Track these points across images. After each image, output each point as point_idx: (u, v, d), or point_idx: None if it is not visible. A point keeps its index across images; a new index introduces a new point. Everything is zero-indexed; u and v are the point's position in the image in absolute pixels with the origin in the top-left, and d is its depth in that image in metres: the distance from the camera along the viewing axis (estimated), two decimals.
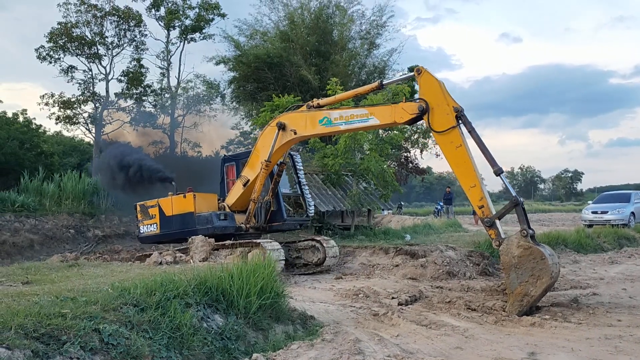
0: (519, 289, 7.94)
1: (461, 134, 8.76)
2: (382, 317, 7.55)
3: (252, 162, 11.81)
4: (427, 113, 8.93)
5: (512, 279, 8.02)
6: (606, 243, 16.99)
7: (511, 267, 8.02)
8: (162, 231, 12.21)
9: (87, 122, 32.23)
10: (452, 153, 8.77)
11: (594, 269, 12.87)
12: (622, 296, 9.52)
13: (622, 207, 21.70)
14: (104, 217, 22.35)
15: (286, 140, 11.11)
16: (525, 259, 7.92)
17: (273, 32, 29.34)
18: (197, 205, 11.64)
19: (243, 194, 11.90)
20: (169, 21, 32.59)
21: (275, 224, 12.18)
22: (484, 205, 8.48)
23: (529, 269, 7.89)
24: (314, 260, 12.17)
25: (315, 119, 10.53)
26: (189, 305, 5.41)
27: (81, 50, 30.85)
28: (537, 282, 7.86)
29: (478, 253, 12.72)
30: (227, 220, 11.55)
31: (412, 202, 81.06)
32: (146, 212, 12.56)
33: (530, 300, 7.88)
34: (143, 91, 33.43)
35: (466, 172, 8.66)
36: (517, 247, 7.99)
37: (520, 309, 7.86)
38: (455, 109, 8.75)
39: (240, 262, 10.20)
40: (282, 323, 6.47)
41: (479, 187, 8.55)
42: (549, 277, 7.86)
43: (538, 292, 7.88)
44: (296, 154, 13.19)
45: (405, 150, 33.46)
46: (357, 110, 10.03)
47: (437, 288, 10.22)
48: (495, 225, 8.40)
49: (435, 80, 9.01)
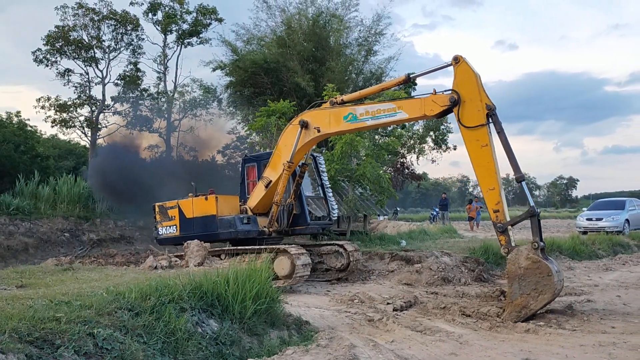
0: (519, 300, 7.94)
1: (489, 134, 8.57)
2: (377, 323, 7.57)
3: (273, 162, 11.47)
4: (458, 105, 8.72)
5: (514, 289, 8.01)
6: (601, 250, 17.05)
7: (515, 277, 8.00)
8: (182, 233, 11.88)
9: (83, 126, 32.14)
10: (476, 151, 8.60)
11: (588, 276, 12.91)
12: (616, 303, 9.55)
13: (616, 214, 21.76)
14: (99, 220, 22.34)
15: (309, 139, 10.78)
16: (531, 271, 7.89)
17: (270, 37, 29.37)
18: (219, 207, 11.39)
19: (265, 196, 11.56)
20: (166, 25, 32.56)
21: (298, 228, 11.83)
22: (500, 210, 8.39)
23: (533, 282, 7.87)
24: (337, 266, 11.88)
25: (339, 115, 10.25)
26: (184, 310, 5.41)
27: (78, 53, 30.80)
28: (539, 297, 7.86)
29: (473, 259, 12.75)
30: (250, 224, 11.30)
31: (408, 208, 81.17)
32: (165, 213, 12.27)
33: (528, 313, 7.88)
34: (139, 95, 33.37)
35: (487, 173, 8.53)
36: (525, 259, 7.96)
37: (516, 319, 7.85)
38: (488, 107, 8.55)
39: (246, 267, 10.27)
40: (277, 328, 6.48)
41: (497, 191, 8.44)
42: (551, 294, 7.87)
43: (538, 307, 7.88)
44: (319, 155, 12.87)
45: (402, 156, 33.53)
46: (384, 104, 9.76)
47: (432, 294, 10.23)
48: (507, 232, 8.35)
49: (473, 72, 8.75)
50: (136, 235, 23.35)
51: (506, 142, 8.49)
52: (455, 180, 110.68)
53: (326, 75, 26.45)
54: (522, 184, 8.59)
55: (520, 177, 8.51)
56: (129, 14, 31.48)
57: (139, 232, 23.48)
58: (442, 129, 32.62)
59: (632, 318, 8.24)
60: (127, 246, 21.53)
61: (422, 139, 32.23)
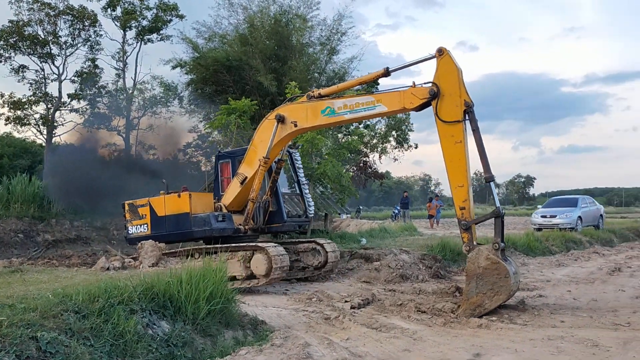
0: (475, 299, 8.07)
1: (464, 131, 8.56)
2: (333, 321, 7.60)
3: (249, 158, 11.17)
4: (437, 99, 8.66)
5: (471, 287, 8.14)
6: (554, 246, 17.55)
7: (474, 276, 8.12)
8: (154, 232, 11.50)
9: (38, 124, 31.24)
10: (450, 147, 8.58)
11: (541, 272, 13.27)
12: (566, 298, 9.84)
13: (569, 212, 22.37)
14: (54, 221, 21.72)
15: (286, 134, 10.55)
16: (490, 272, 8.03)
17: (232, 35, 29.12)
18: (193, 205, 11.02)
19: (240, 193, 11.28)
20: (125, 21, 31.90)
21: (275, 226, 11.61)
22: (466, 208, 8.46)
23: (491, 282, 8.01)
24: (314, 264, 11.70)
25: (317, 109, 10.04)
26: (134, 311, 5.31)
27: (33, 49, 29.92)
28: (494, 297, 8.00)
29: (431, 256, 12.95)
30: (225, 222, 10.99)
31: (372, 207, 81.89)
32: (135, 212, 11.86)
33: (482, 312, 8.01)
34: (97, 92, 32.63)
35: (458, 170, 8.54)
36: (485, 259, 8.10)
37: (470, 316, 7.96)
38: (466, 103, 8.50)
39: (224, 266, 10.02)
40: (232, 328, 6.42)
41: (466, 189, 8.48)
42: (507, 295, 8.02)
43: (492, 307, 8.02)
44: (295, 151, 12.59)
45: (364, 155, 33.75)
46: (363, 98, 9.55)
47: (390, 291, 10.35)
48: (471, 230, 8.46)
49: (455, 66, 8.67)
50: (93, 235, 22.79)
51: (480, 141, 8.53)
52: (418, 178, 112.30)
53: (289, 74, 26.40)
54: (490, 184, 8.71)
55: (490, 177, 8.58)
56: (87, 10, 30.71)
57: (96, 232, 22.94)
58: (404, 128, 33.05)
59: (580, 312, 8.50)
60: (83, 247, 20.99)
61: (384, 138, 32.55)
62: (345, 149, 16.86)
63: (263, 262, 9.87)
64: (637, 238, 23.21)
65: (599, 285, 11.13)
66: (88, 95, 32.47)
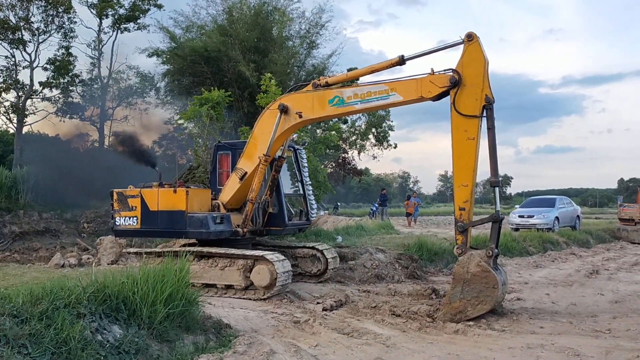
0: (457, 304, 7.73)
1: (479, 127, 8.04)
2: (303, 325, 7.20)
3: (249, 151, 10.25)
4: (457, 87, 8.08)
5: (455, 291, 7.79)
6: (531, 247, 17.38)
7: (461, 281, 7.76)
8: (144, 227, 10.51)
9: (8, 112, 30.24)
10: (460, 142, 8.08)
11: (519, 273, 13.05)
12: (545, 301, 9.60)
13: (547, 212, 22.31)
14: (22, 212, 20.89)
15: (290, 125, 9.73)
16: (478, 279, 7.68)
17: (211, 25, 28.54)
18: (189, 203, 10.04)
19: (240, 190, 10.37)
20: (102, 9, 31.05)
21: (274, 229, 10.80)
22: (466, 209, 8.02)
23: (477, 290, 7.67)
24: (313, 271, 10.99)
25: (324, 99, 9.27)
26: (82, 315, 4.84)
27: (4, 35, 28.90)
28: (478, 306, 7.67)
29: (407, 256, 12.61)
30: (224, 224, 10.03)
31: (350, 203, 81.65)
32: (125, 202, 10.75)
33: (462, 318, 7.67)
34: (70, 81, 31.69)
35: (465, 168, 8.07)
36: (476, 265, 7.72)
37: (449, 320, 7.67)
38: (487, 99, 7.96)
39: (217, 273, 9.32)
40: (193, 333, 5.98)
41: (469, 189, 8.03)
42: (491, 305, 7.72)
43: (474, 315, 7.69)
44: (300, 148, 11.68)
45: (343, 151, 33.47)
46: (375, 86, 8.78)
47: (364, 292, 9.98)
48: (467, 233, 8.05)
49: (483, 55, 8.05)
50: (63, 228, 21.98)
51: (493, 142, 8.02)
52: (397, 176, 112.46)
53: (269, 67, 25.95)
54: (495, 189, 8.30)
55: (496, 182, 8.18)
56: None
57: (66, 224, 22.15)
58: (384, 126, 32.88)
59: (560, 317, 8.25)
60: (52, 240, 20.20)
61: (363, 136, 32.35)
62: (322, 143, 16.44)
63: (266, 274, 9.06)
64: (612, 239, 23.25)
65: (577, 289, 10.93)
66: (61, 84, 31.53)
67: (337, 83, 9.65)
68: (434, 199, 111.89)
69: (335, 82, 9.68)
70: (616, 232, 24.59)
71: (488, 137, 8.08)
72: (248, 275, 9.22)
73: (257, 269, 9.12)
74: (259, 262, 9.22)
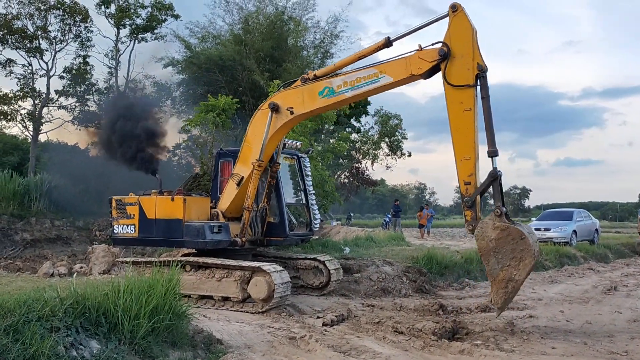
0: (501, 275, 7.28)
1: (475, 97, 7.79)
2: (298, 341, 6.85)
3: (244, 156, 10.02)
4: (447, 61, 7.87)
5: (492, 265, 7.36)
6: (547, 261, 16.83)
7: (489, 252, 7.35)
8: (142, 235, 10.24)
9: (24, 120, 30.56)
10: (457, 115, 7.82)
11: (533, 289, 12.55)
12: (559, 319, 9.14)
13: (564, 225, 21.71)
14: (34, 219, 20.95)
15: (282, 123, 9.53)
16: (503, 240, 7.25)
17: (227, 35, 28.62)
18: (187, 212, 9.74)
19: (238, 197, 10.05)
20: (119, 19, 31.34)
21: (275, 239, 10.43)
22: (472, 183, 7.67)
23: (509, 251, 7.23)
24: (315, 283, 10.63)
25: (314, 91, 9.12)
26: (56, 329, 4.57)
27: (22, 43, 29.28)
28: (520, 265, 7.20)
29: (415, 269, 12.21)
30: (222, 234, 9.69)
31: (365, 214, 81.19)
32: (123, 210, 10.50)
33: (515, 286, 7.26)
34: (87, 89, 31.95)
35: (465, 140, 7.76)
36: (493, 229, 7.32)
37: (505, 297, 7.27)
38: (479, 67, 7.72)
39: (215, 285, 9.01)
40: (180, 349, 5.68)
41: (472, 161, 7.70)
42: (531, 257, 7.19)
43: (523, 276, 7.22)
44: (304, 156, 11.33)
45: (357, 161, 33.17)
46: (364, 71, 8.67)
47: (368, 306, 9.61)
48: (475, 207, 7.68)
49: (470, 24, 7.85)
50: (74, 235, 22.01)
51: (488, 111, 7.77)
52: (413, 187, 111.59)
53: (283, 76, 25.80)
54: (493, 159, 7.80)
55: (494, 151, 7.73)
56: (78, 5, 30.13)
57: (78, 232, 22.17)
58: (397, 135, 32.56)
59: (573, 337, 7.81)
60: (63, 247, 20.21)
61: (376, 145, 32.03)
62: (331, 152, 16.12)
63: (264, 286, 8.71)
64: (632, 254, 22.53)
65: (593, 306, 10.44)
66: (77, 92, 31.80)
67: (325, 74, 9.37)
68: (451, 210, 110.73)
69: (323, 73, 9.41)
70: (636, 246, 23.94)
71: (483, 106, 7.81)
72: (245, 287, 8.89)
73: (255, 280, 8.78)
74: (257, 274, 8.87)
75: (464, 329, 8.02)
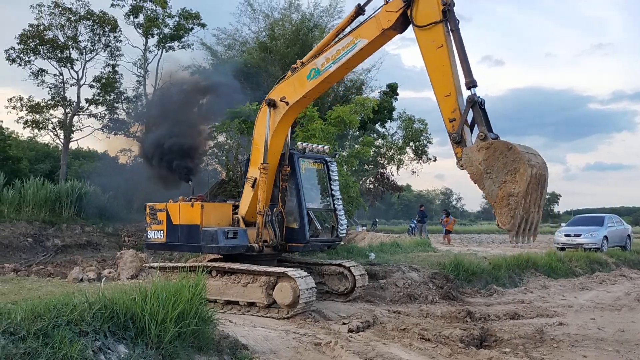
0: (500, 193, 6.81)
1: (446, 33, 7.60)
2: (324, 347, 6.83)
3: (254, 158, 10.23)
4: (412, 6, 7.84)
5: (488, 187, 6.91)
6: (578, 267, 16.49)
7: (482, 176, 6.96)
8: (169, 240, 10.51)
9: (55, 128, 31.28)
10: (431, 54, 7.70)
11: (563, 295, 12.31)
12: (590, 327, 8.95)
13: (595, 231, 21.26)
14: (65, 225, 21.42)
15: (280, 117, 9.73)
16: (491, 158, 6.87)
17: (252, 42, 28.90)
18: (204, 217, 9.91)
19: (253, 200, 10.17)
20: (148, 29, 31.89)
21: (295, 245, 10.29)
22: (456, 119, 7.37)
23: (501, 166, 6.80)
24: (341, 289, 10.55)
25: (302, 77, 9.39)
26: (85, 333, 4.65)
27: (53, 53, 30.02)
28: (517, 176, 6.69)
29: (442, 275, 12.07)
30: (237, 239, 9.73)
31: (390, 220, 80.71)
32: (155, 216, 10.81)
33: (517, 200, 6.70)
34: (116, 98, 32.58)
35: (443, 77, 7.60)
36: (478, 152, 6.99)
37: (511, 215, 6.73)
38: (443, 1, 7.60)
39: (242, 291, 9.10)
40: (206, 354, 5.71)
41: (454, 97, 7.45)
42: (525, 164, 6.67)
43: (523, 187, 6.65)
44: (332, 160, 11.29)
45: (382, 167, 33.05)
46: (342, 42, 8.87)
47: (394, 313, 9.53)
48: (463, 140, 7.30)
49: None
50: (104, 241, 22.44)
51: (460, 43, 7.55)
52: (439, 192, 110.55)
53: None
54: (471, 89, 7.41)
55: (471, 82, 7.39)
56: (107, 15, 30.77)
57: (107, 238, 22.59)
58: (422, 139, 32.35)
59: (605, 345, 7.64)
60: (93, 253, 20.61)
61: (401, 150, 31.87)
62: (355, 157, 16.08)
63: (289, 291, 8.69)
64: None
65: (626, 313, 10.19)
66: (106, 100, 32.43)
67: (310, 58, 9.55)
68: (478, 216, 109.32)
69: (308, 58, 9.60)
70: None
71: (454, 38, 7.65)
72: (270, 293, 8.91)
73: (280, 286, 8.81)
74: (282, 279, 8.89)
75: (492, 337, 7.92)
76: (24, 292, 6.45)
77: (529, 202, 6.87)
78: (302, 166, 10.60)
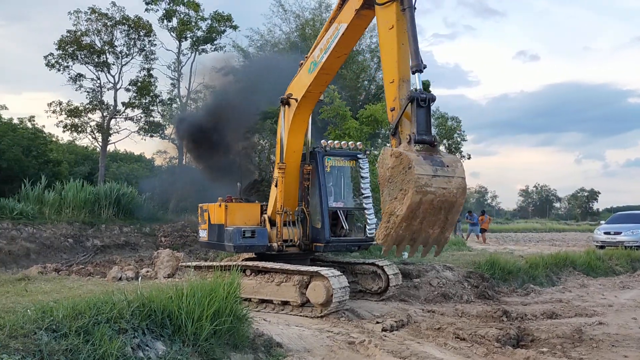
0: (387, 207, 6.38)
1: (399, 13, 7.14)
2: (358, 346, 6.84)
3: (277, 158, 10.53)
4: None
5: (384, 197, 6.45)
6: (618, 266, 16.07)
7: (385, 182, 6.45)
8: (209, 239, 10.94)
9: (93, 131, 32.11)
10: (382, 36, 7.43)
11: (602, 294, 12.01)
12: (631, 327, 8.71)
13: (636, 228, 20.69)
14: (104, 226, 22.02)
15: (294, 112, 9.88)
16: (396, 169, 6.27)
17: (284, 43, 29.07)
18: (229, 217, 10.20)
19: (277, 200, 10.30)
20: (181, 32, 32.43)
21: (318, 245, 10.28)
22: (396, 109, 6.82)
23: (399, 182, 6.24)
24: (374, 289, 10.51)
25: (305, 71, 9.69)
26: (124, 330, 4.78)
27: (90, 58, 30.80)
28: (404, 198, 6.13)
29: (477, 274, 11.93)
30: (255, 238, 9.89)
31: None
32: (202, 216, 11.31)
33: (395, 221, 6.21)
34: (151, 101, 33.22)
35: (389, 62, 7.18)
36: (390, 157, 6.37)
37: (385, 233, 6.33)
38: None
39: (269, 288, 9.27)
40: (241, 351, 5.80)
41: (396, 85, 6.89)
42: (413, 191, 6.04)
43: (403, 211, 6.10)
44: (363, 156, 10.93)
45: None
46: (329, 31, 9.00)
47: (429, 312, 9.47)
48: (398, 133, 6.72)
49: None
50: (141, 242, 22.96)
51: (411, 21, 6.98)
52: (474, 191, 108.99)
53: (338, 82, 25.93)
54: (417, 75, 6.77)
55: (416, 66, 6.76)
56: (142, 20, 31.40)
57: (144, 238, 23.12)
58: (456, 137, 31.96)
59: None
60: (131, 253, 21.12)
61: None
62: None
63: (322, 290, 8.69)
64: None
65: None
66: (142, 104, 33.11)
67: (311, 52, 9.71)
68: (514, 215, 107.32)
69: (310, 52, 9.75)
70: None
71: (404, 18, 7.15)
72: (304, 292, 8.97)
73: (313, 285, 8.86)
74: (315, 278, 8.94)
75: (529, 336, 7.80)
76: (65, 291, 6.64)
77: (417, 225, 6.41)
78: (328, 164, 10.59)
